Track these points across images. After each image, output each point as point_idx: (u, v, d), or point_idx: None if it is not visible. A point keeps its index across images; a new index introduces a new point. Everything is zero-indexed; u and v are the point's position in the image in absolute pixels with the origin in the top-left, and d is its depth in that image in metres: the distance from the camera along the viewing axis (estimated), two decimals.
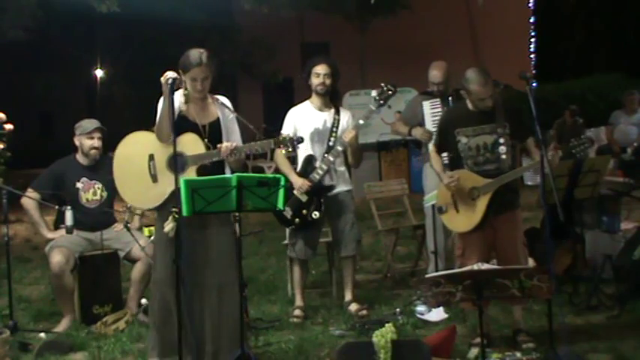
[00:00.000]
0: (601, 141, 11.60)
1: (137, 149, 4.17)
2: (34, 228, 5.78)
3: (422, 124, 5.80)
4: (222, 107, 4.28)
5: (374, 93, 5.25)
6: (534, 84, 15.87)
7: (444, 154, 4.99)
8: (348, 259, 5.40)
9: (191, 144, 4.04)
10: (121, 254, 5.42)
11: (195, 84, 4.10)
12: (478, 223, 4.42)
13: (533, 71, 20.95)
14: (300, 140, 4.34)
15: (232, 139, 4.19)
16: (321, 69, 5.26)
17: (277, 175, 3.95)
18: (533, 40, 21.68)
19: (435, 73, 5.81)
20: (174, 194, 3.95)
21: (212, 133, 4.16)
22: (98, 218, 5.41)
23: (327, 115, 5.33)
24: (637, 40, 22.00)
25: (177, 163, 3.82)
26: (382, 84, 5.19)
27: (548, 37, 22.73)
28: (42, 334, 5.06)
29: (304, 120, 5.31)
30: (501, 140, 4.42)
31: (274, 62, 19.84)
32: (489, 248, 4.52)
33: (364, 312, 5.24)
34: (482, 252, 4.45)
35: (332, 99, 5.38)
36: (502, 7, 20.32)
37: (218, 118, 4.23)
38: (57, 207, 5.27)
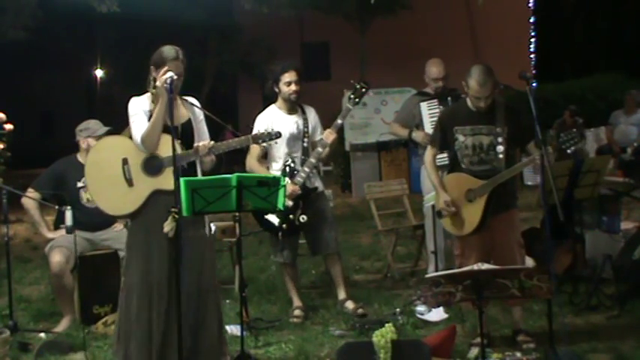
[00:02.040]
0: (601, 141, 11.60)
1: (109, 154, 4.05)
2: (34, 228, 5.78)
3: (419, 125, 5.79)
4: (191, 108, 4.17)
5: (348, 93, 5.26)
6: (534, 84, 15.88)
7: (443, 156, 4.98)
8: (333, 256, 5.39)
9: (165, 145, 3.90)
10: (121, 254, 5.40)
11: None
12: (477, 226, 4.41)
13: (533, 71, 20.93)
14: (278, 135, 4.26)
15: (204, 139, 4.09)
16: (289, 76, 5.25)
17: (277, 175, 3.95)
18: (533, 40, 21.66)
19: (435, 70, 5.82)
20: (152, 197, 3.92)
21: (184, 134, 4.05)
22: (98, 218, 5.39)
23: (297, 117, 5.34)
24: (637, 40, 21.99)
25: (176, 164, 3.79)
26: (354, 82, 5.24)
27: (548, 37, 22.72)
28: (42, 334, 5.06)
29: (277, 125, 5.20)
30: (499, 141, 4.41)
31: (274, 62, 19.83)
32: (488, 248, 4.51)
33: (361, 310, 5.23)
34: (481, 252, 4.44)
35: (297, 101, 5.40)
36: (502, 7, 20.31)
37: (189, 119, 4.12)
38: (57, 207, 5.26)
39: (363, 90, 5.19)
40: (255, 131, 5.19)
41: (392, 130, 6.24)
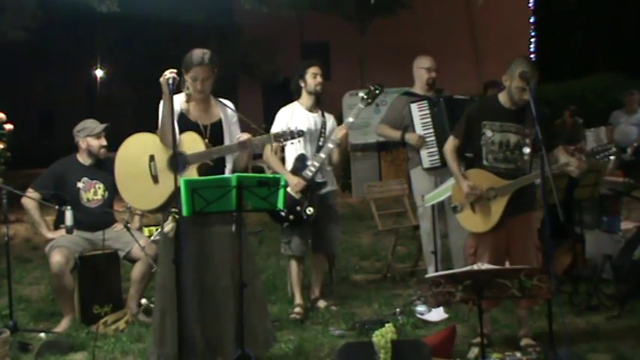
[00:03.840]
0: (601, 141, 11.60)
1: (138, 151, 4.15)
2: (34, 228, 5.77)
3: (409, 127, 5.77)
4: (224, 109, 4.28)
5: (361, 93, 5.41)
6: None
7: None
8: (327, 256, 5.58)
9: (190, 143, 4.03)
10: (121, 254, 5.42)
11: (195, 84, 4.10)
12: (495, 225, 4.38)
13: None
14: (301, 133, 4.34)
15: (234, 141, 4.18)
16: (316, 70, 5.42)
17: (277, 175, 3.95)
18: (533, 40, 21.69)
19: (426, 60, 5.87)
20: (176, 194, 3.97)
21: (213, 134, 4.16)
22: (98, 218, 5.41)
23: (317, 117, 5.46)
24: (637, 40, 21.99)
25: (177, 163, 3.81)
26: (369, 85, 5.41)
27: (548, 37, 22.74)
28: (42, 334, 5.05)
29: (297, 119, 5.36)
30: (526, 142, 4.37)
31: (274, 62, 19.85)
32: (502, 248, 4.45)
33: (334, 308, 5.38)
34: (494, 252, 4.40)
35: (318, 102, 5.50)
36: (502, 7, 20.34)
37: (220, 120, 4.23)
38: (57, 207, 5.27)
39: (377, 92, 5.35)
40: (275, 125, 5.37)
41: (380, 131, 6.12)
